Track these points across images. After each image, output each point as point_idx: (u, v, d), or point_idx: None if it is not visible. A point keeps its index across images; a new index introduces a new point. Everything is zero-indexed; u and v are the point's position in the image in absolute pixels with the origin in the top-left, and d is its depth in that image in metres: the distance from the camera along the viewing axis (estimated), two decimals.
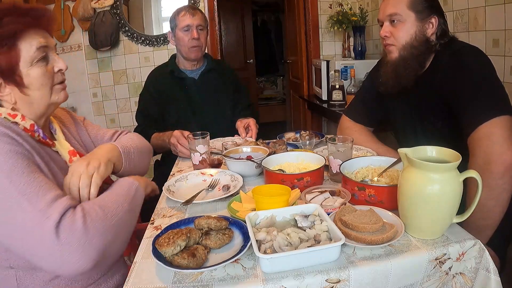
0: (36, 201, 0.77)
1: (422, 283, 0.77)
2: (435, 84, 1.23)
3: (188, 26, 1.81)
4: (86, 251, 0.77)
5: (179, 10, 1.86)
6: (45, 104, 0.95)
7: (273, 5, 6.74)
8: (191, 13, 1.82)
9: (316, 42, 3.36)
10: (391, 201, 0.91)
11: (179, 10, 1.86)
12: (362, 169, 1.11)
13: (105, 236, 0.81)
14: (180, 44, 1.85)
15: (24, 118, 0.90)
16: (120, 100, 3.26)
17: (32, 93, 0.91)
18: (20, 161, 0.80)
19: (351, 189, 0.99)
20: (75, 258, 0.76)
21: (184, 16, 1.82)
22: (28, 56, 0.89)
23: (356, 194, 0.98)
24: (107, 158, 0.99)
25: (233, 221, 0.88)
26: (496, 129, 1.04)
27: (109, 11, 3.03)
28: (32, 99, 0.92)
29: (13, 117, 0.89)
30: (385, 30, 1.29)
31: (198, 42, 1.83)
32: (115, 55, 3.17)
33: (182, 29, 1.82)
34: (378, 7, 1.55)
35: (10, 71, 0.87)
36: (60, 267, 0.76)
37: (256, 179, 1.25)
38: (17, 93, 0.90)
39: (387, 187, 0.94)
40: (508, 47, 1.75)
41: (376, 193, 0.94)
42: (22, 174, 0.79)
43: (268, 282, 0.70)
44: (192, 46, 1.82)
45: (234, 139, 1.60)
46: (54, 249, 0.75)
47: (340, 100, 2.65)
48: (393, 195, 0.88)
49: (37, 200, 0.77)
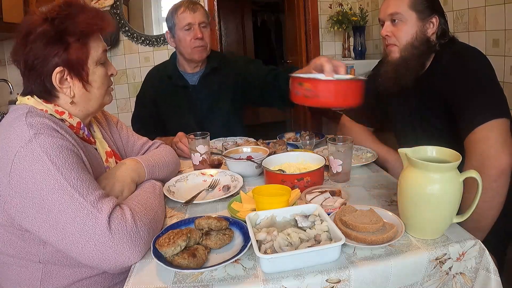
0: (87, 195, 0.79)
1: (422, 283, 0.77)
2: (435, 84, 1.23)
3: (190, 24, 1.61)
4: (136, 244, 0.79)
5: (176, 6, 1.64)
6: (99, 103, 1.00)
7: (273, 5, 6.74)
8: (192, 8, 1.61)
9: (316, 42, 3.36)
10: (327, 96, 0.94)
11: (177, 7, 1.64)
12: None
13: (150, 229, 0.84)
14: (182, 45, 1.65)
15: (71, 116, 0.94)
16: (120, 100, 3.27)
17: (93, 90, 0.96)
18: (70, 156, 0.82)
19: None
20: (126, 250, 0.77)
21: (184, 13, 1.61)
22: (96, 56, 0.94)
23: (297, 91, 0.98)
24: (130, 179, 1.01)
25: (234, 221, 0.88)
26: (492, 132, 1.05)
27: (109, 11, 3.03)
28: (91, 96, 0.96)
29: (60, 114, 0.92)
30: (386, 30, 1.29)
31: (202, 42, 1.62)
32: (115, 55, 3.17)
33: (182, 28, 1.61)
34: (378, 7, 1.56)
35: (79, 65, 0.91)
36: (110, 260, 0.77)
37: (256, 179, 1.25)
38: (79, 88, 0.93)
39: (324, 80, 0.96)
40: (508, 47, 1.75)
41: (312, 87, 0.93)
42: (73, 169, 0.81)
43: (269, 282, 0.70)
44: (196, 47, 1.62)
45: (235, 139, 1.59)
46: (106, 241, 0.76)
47: None
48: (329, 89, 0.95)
49: (87, 194, 0.79)
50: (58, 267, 0.89)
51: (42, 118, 0.85)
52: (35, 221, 0.79)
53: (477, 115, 1.08)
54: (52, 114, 0.90)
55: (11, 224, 0.84)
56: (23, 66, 0.89)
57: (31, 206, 0.78)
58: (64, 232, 0.77)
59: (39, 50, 0.86)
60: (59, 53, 0.87)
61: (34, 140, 0.79)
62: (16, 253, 0.88)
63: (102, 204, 0.79)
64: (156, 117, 1.79)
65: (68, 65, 0.89)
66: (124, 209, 0.83)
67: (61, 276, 0.89)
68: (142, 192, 0.98)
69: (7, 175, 0.78)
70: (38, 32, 0.86)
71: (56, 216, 0.77)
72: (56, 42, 0.87)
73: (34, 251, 0.87)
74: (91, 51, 0.93)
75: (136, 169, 1.04)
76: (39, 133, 0.81)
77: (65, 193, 0.77)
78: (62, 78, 0.90)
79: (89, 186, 0.81)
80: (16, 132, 0.81)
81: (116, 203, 0.83)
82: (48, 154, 0.79)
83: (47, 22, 0.87)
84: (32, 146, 0.79)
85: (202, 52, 1.65)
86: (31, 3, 2.13)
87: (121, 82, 3.23)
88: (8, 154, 0.79)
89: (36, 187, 0.77)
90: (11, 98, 2.39)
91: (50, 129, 0.83)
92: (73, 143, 0.87)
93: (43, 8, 0.90)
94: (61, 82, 0.90)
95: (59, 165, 0.79)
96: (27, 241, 0.86)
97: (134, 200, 0.92)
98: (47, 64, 0.87)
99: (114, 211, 0.80)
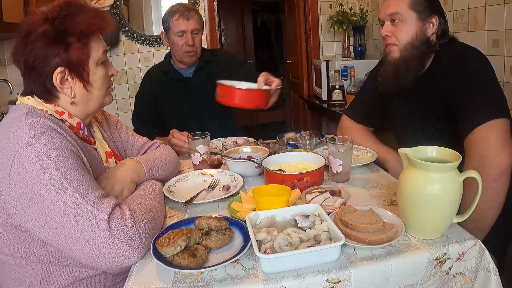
0: (87, 195, 0.79)
1: (422, 283, 0.77)
2: (435, 84, 1.23)
3: (183, 31, 1.73)
4: (136, 244, 0.79)
5: (172, 11, 1.75)
6: (99, 104, 1.00)
7: (273, 5, 6.73)
8: (186, 16, 1.72)
9: (316, 42, 3.36)
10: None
11: (173, 12, 1.75)
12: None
13: (150, 229, 0.84)
14: (174, 49, 1.79)
15: (71, 116, 0.94)
16: (120, 100, 3.26)
17: (93, 90, 0.96)
18: (70, 156, 0.82)
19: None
20: (126, 250, 0.77)
21: (178, 20, 1.72)
22: (97, 56, 0.94)
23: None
24: (130, 179, 1.01)
25: (233, 221, 0.88)
26: (492, 132, 1.04)
27: (109, 11, 3.03)
28: (91, 97, 0.96)
29: (61, 115, 0.92)
30: (386, 30, 1.29)
31: (193, 48, 1.76)
32: (115, 55, 3.17)
33: (176, 33, 1.74)
34: (378, 7, 1.56)
35: (79, 66, 0.91)
36: (110, 260, 0.77)
37: (256, 179, 1.25)
38: (80, 88, 0.93)
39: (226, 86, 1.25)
40: (508, 47, 1.75)
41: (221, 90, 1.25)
42: (73, 169, 0.81)
43: (269, 282, 0.70)
44: (187, 51, 1.76)
45: (235, 139, 1.60)
46: (106, 241, 0.76)
47: (340, 100, 2.65)
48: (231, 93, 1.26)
49: (87, 195, 0.79)
50: (58, 267, 0.89)
51: (42, 118, 0.84)
52: (35, 221, 0.79)
53: (477, 115, 1.08)
54: (52, 114, 0.90)
55: (11, 224, 0.84)
56: (24, 66, 0.89)
57: (31, 206, 0.78)
58: (64, 232, 0.77)
59: (40, 50, 0.86)
60: (59, 53, 0.87)
61: (34, 140, 0.79)
62: (16, 253, 0.88)
63: (101, 204, 0.79)
64: (156, 114, 1.85)
65: (69, 65, 0.89)
66: (123, 209, 0.83)
67: (61, 276, 0.89)
68: (142, 192, 0.98)
69: (7, 175, 0.78)
70: (39, 32, 0.86)
71: (56, 216, 0.77)
72: (57, 42, 0.87)
73: (34, 251, 0.87)
74: (92, 51, 0.93)
75: (136, 169, 1.04)
76: (39, 133, 0.80)
77: (65, 193, 0.77)
78: (63, 78, 0.90)
79: (89, 186, 0.81)
80: (16, 132, 0.80)
81: (115, 203, 0.83)
82: (48, 154, 0.79)
83: (48, 22, 0.87)
84: (32, 146, 0.79)
85: (192, 57, 1.80)
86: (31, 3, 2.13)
87: (121, 82, 3.23)
88: (8, 154, 0.79)
89: (36, 187, 0.77)
90: (11, 98, 2.38)
91: (50, 129, 0.83)
92: (73, 143, 0.87)
93: (43, 8, 0.90)
94: (62, 82, 0.90)
95: (59, 165, 0.79)
96: (27, 241, 0.86)
97: (133, 200, 0.92)
98: (48, 64, 0.87)
99: (113, 211, 0.80)
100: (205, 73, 1.85)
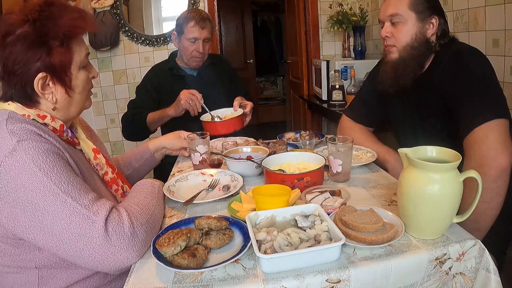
0: (80, 199, 0.77)
1: (422, 283, 0.77)
2: (435, 84, 1.23)
3: (196, 38, 1.82)
4: (134, 245, 0.78)
5: (188, 18, 1.82)
6: (79, 108, 0.97)
7: (273, 5, 6.74)
8: (201, 26, 1.80)
9: (316, 42, 3.36)
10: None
11: (188, 19, 1.82)
12: None
13: (147, 229, 0.84)
14: (183, 52, 1.88)
15: (53, 119, 0.90)
16: (120, 100, 3.26)
17: (75, 95, 0.93)
18: (58, 160, 0.80)
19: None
20: (124, 252, 0.77)
21: (193, 27, 1.80)
22: (79, 60, 0.91)
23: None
24: None
25: (233, 221, 0.88)
26: (491, 132, 1.04)
27: (109, 11, 3.03)
28: (72, 101, 0.94)
29: (43, 118, 0.88)
30: (386, 31, 1.29)
31: (202, 55, 1.86)
32: (115, 55, 3.17)
33: (189, 39, 1.82)
34: (378, 7, 1.56)
35: (62, 70, 0.87)
36: (109, 262, 0.77)
37: (256, 179, 1.25)
38: (62, 93, 0.90)
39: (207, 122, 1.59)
40: (508, 47, 1.75)
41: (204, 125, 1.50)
42: (62, 173, 0.79)
43: (269, 282, 0.70)
44: (195, 57, 1.86)
45: (235, 139, 1.60)
46: (104, 243, 0.76)
47: (340, 100, 2.65)
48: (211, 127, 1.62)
49: (80, 198, 0.78)
50: (55, 270, 0.88)
51: (23, 124, 0.81)
52: (30, 230, 0.77)
53: (477, 115, 1.08)
54: (34, 118, 0.86)
55: (5, 234, 0.82)
56: (2, 70, 0.84)
57: (23, 215, 0.76)
58: (60, 238, 0.76)
59: (20, 54, 0.82)
60: (41, 58, 0.83)
61: (18, 148, 0.76)
62: (11, 262, 0.86)
63: (97, 207, 0.78)
64: (155, 105, 1.87)
65: (51, 70, 0.85)
66: (120, 211, 0.82)
67: (58, 279, 0.88)
68: (138, 194, 0.97)
69: None
70: (18, 34, 0.81)
71: (51, 223, 0.76)
72: (38, 46, 0.82)
73: (29, 257, 0.86)
74: (75, 55, 0.89)
75: None
76: (22, 140, 0.78)
77: (57, 199, 0.76)
78: (45, 83, 0.86)
79: (80, 189, 0.79)
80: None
81: (111, 206, 0.82)
82: (34, 161, 0.76)
83: (28, 23, 0.82)
84: (17, 154, 0.76)
85: (199, 62, 1.91)
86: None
87: (121, 82, 3.23)
88: None
89: (26, 196, 0.75)
90: None
91: (33, 134, 0.81)
92: (58, 146, 0.84)
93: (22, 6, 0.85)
94: (43, 88, 0.86)
95: (47, 171, 0.77)
96: (21, 248, 0.85)
97: (129, 201, 0.91)
98: (29, 69, 0.83)
99: (110, 213, 0.79)
100: (209, 72, 1.96)
